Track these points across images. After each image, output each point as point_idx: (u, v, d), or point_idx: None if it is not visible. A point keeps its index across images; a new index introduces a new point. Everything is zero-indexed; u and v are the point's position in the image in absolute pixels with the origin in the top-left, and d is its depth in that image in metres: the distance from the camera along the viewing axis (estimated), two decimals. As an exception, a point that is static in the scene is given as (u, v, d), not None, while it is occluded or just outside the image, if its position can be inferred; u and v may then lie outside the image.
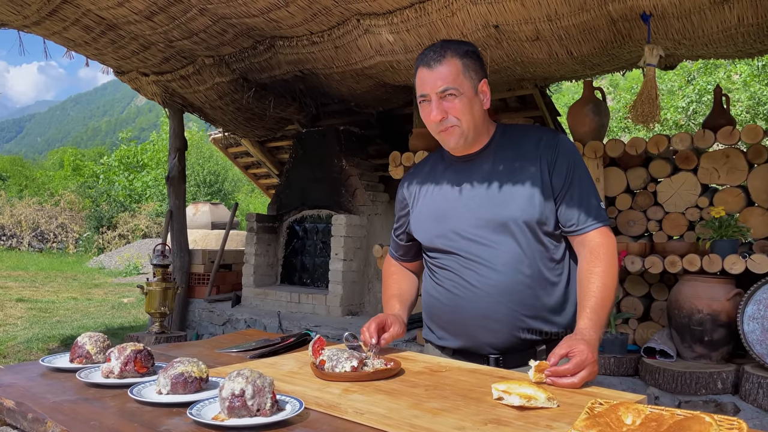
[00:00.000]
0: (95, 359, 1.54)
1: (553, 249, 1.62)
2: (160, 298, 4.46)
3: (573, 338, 1.41)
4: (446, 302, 1.68)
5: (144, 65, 5.14)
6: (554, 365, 1.34)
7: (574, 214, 1.59)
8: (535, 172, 1.60)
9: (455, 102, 1.58)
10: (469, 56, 1.61)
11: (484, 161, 1.67)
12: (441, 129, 1.61)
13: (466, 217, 1.64)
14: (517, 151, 1.64)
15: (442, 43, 1.63)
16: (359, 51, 4.14)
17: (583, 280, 1.56)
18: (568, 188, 1.60)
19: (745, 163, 3.42)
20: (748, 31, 3.17)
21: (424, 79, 1.61)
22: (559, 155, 1.61)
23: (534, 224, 1.58)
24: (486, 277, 1.60)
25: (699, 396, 2.95)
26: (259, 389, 1.15)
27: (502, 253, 1.59)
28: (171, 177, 5.95)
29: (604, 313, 1.51)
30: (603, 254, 1.56)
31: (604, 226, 1.60)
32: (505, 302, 1.58)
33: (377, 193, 5.51)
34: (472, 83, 1.60)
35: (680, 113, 13.41)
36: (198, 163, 24.27)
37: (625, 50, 3.60)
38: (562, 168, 1.60)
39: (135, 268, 13.94)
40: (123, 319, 7.55)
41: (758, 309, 2.90)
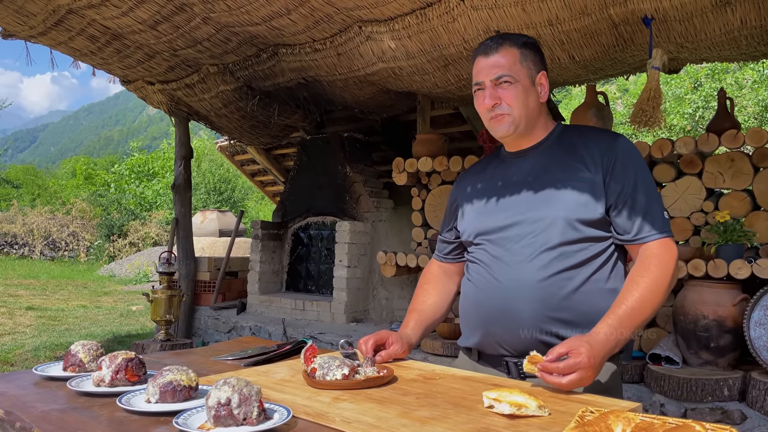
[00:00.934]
0: (88, 368, 1.53)
1: (595, 254, 1.54)
2: (166, 305, 4.47)
3: (579, 339, 1.34)
4: (471, 296, 1.67)
5: (149, 74, 5.17)
6: (550, 361, 1.30)
7: (631, 223, 1.50)
8: (588, 174, 1.53)
9: (509, 89, 1.56)
10: (527, 47, 1.60)
11: (536, 157, 1.63)
12: (491, 116, 1.59)
13: (507, 213, 1.60)
14: (572, 150, 1.59)
15: (501, 34, 1.64)
16: (361, 58, 4.14)
17: (624, 287, 1.47)
18: (627, 194, 1.50)
19: (750, 166, 3.39)
20: (752, 33, 3.14)
21: (480, 66, 1.60)
22: (618, 158, 1.53)
23: (576, 226, 1.51)
24: (509, 271, 1.56)
25: (705, 403, 2.91)
26: (246, 398, 1.15)
27: (534, 250, 1.53)
28: (177, 185, 5.98)
29: (630, 324, 1.41)
30: (654, 266, 1.46)
31: (665, 237, 1.49)
32: (528, 300, 1.51)
33: (381, 200, 5.50)
34: (529, 73, 1.58)
35: (687, 119, 13.32)
36: (209, 170, 24.40)
37: (628, 54, 3.57)
38: (621, 172, 1.52)
39: (145, 275, 14.02)
40: (131, 326, 7.58)
41: (765, 314, 2.86)
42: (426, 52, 3.84)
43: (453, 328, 3.87)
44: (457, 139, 5.81)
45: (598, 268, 1.55)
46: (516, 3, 3.18)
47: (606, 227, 1.55)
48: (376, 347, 1.62)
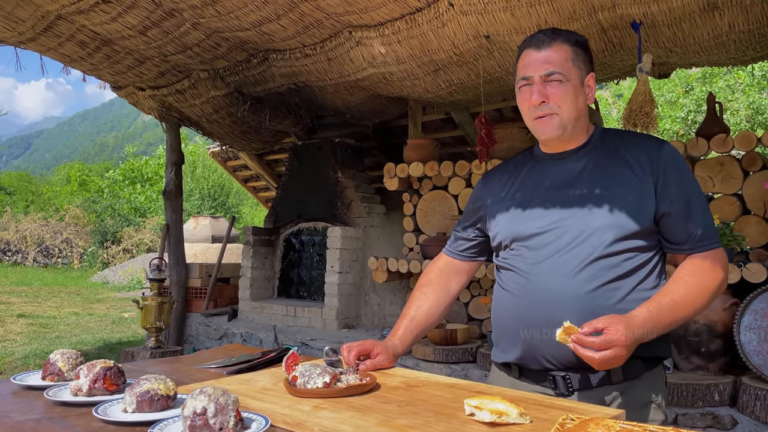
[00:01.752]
0: (67, 377, 1.51)
1: (642, 263, 1.48)
2: (156, 312, 4.44)
3: (616, 317, 1.31)
4: (509, 307, 1.56)
5: (140, 80, 5.16)
6: (585, 334, 1.27)
7: (687, 233, 1.45)
8: (636, 180, 1.47)
9: (559, 88, 1.48)
10: (579, 45, 1.53)
11: (578, 162, 1.55)
12: (538, 115, 1.51)
13: (545, 217, 1.52)
14: (616, 155, 1.52)
15: (553, 29, 1.55)
16: (352, 63, 4.14)
17: (669, 282, 1.43)
18: (681, 203, 1.46)
19: (739, 171, 3.39)
20: (740, 38, 3.15)
21: (530, 60, 1.51)
22: (669, 165, 1.47)
23: (624, 235, 1.45)
24: (553, 281, 1.47)
25: (696, 408, 2.90)
26: (222, 407, 1.13)
27: (579, 259, 1.45)
28: (168, 191, 5.95)
29: (669, 317, 1.37)
30: (706, 270, 1.43)
31: (716, 248, 1.46)
32: (575, 312, 1.42)
33: (373, 205, 5.48)
34: (580, 73, 1.50)
35: (680, 123, 13.37)
36: (203, 176, 24.34)
37: (618, 59, 3.58)
38: (672, 181, 1.46)
39: (138, 282, 13.96)
40: (122, 334, 7.54)
41: (755, 319, 2.85)
42: (416, 57, 3.84)
43: (444, 334, 3.85)
44: (449, 144, 5.81)
45: (645, 278, 1.49)
46: (505, 8, 3.18)
47: (653, 235, 1.49)
48: (360, 357, 1.58)
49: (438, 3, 3.35)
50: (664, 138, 13.38)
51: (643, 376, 1.49)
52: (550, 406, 1.28)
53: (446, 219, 4.48)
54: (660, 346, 1.46)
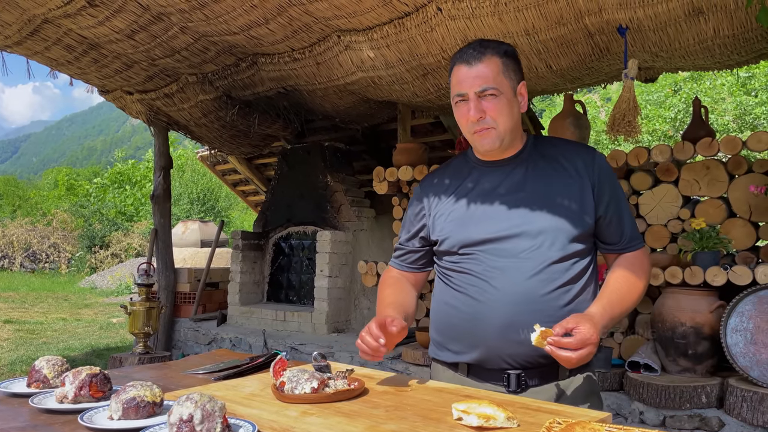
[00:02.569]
0: (53, 384, 1.50)
1: (586, 265, 1.59)
2: (144, 318, 4.40)
3: (581, 317, 1.40)
4: (466, 309, 1.58)
5: (128, 84, 5.13)
6: (559, 336, 1.34)
7: (620, 234, 1.61)
8: (574, 186, 1.56)
9: (494, 102, 1.52)
10: (508, 56, 1.56)
11: (517, 168, 1.61)
12: (476, 129, 1.55)
13: (496, 222, 1.56)
14: (554, 163, 1.60)
15: (481, 41, 1.58)
16: (341, 67, 4.14)
17: (610, 278, 1.58)
18: (611, 208, 1.59)
19: (725, 174, 3.42)
20: (725, 42, 3.18)
21: (463, 76, 1.54)
22: (601, 174, 1.59)
23: (573, 238, 1.54)
24: (513, 284, 1.52)
25: (683, 410, 2.92)
26: (209, 414, 1.12)
27: (532, 261, 1.52)
28: (156, 195, 5.92)
29: (617, 310, 1.50)
30: (638, 268, 1.60)
31: (643, 246, 1.66)
32: (531, 311, 1.50)
33: (363, 209, 5.49)
34: (512, 84, 1.55)
35: (668, 124, 13.48)
36: (192, 180, 24.23)
37: (604, 63, 3.60)
38: (605, 187, 1.58)
39: (127, 287, 13.87)
40: (110, 339, 7.48)
41: (741, 321, 2.88)
42: (405, 61, 3.84)
43: (434, 337, 3.85)
44: (438, 147, 5.83)
45: (588, 278, 1.59)
46: (493, 13, 3.20)
47: (591, 238, 1.61)
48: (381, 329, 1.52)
49: (426, 7, 3.36)
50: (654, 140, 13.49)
51: (584, 370, 1.60)
52: (537, 409, 1.28)
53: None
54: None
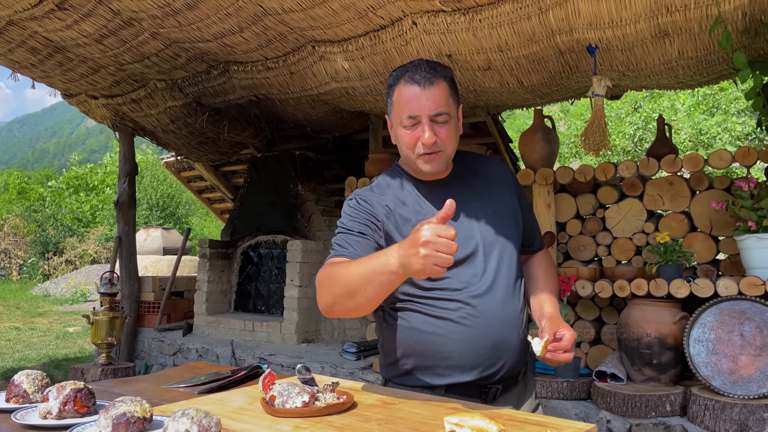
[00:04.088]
0: (33, 399, 1.47)
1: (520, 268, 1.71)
2: (107, 328, 4.30)
3: (553, 319, 1.55)
4: (454, 336, 1.53)
5: (93, 88, 5.03)
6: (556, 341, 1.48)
7: (533, 237, 1.79)
8: (508, 198, 1.69)
9: (445, 127, 1.51)
10: (451, 80, 1.56)
11: (456, 184, 1.62)
12: (425, 152, 1.52)
13: (464, 240, 1.54)
14: (485, 177, 1.68)
15: (427, 62, 1.54)
16: (314, 77, 4.15)
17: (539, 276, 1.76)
18: (527, 213, 1.76)
19: (687, 190, 3.55)
20: (688, 63, 3.31)
21: (414, 98, 1.49)
22: (516, 183, 1.76)
23: (516, 246, 1.66)
24: (496, 303, 1.54)
25: (649, 419, 3.01)
26: (205, 429, 1.12)
27: (508, 279, 1.59)
28: (120, 202, 5.80)
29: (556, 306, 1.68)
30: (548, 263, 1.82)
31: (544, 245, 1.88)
32: (516, 327, 1.59)
33: (333, 218, 5.49)
34: (456, 108, 1.57)
35: (627, 140, 13.91)
36: (152, 186, 23.75)
37: (573, 80, 3.71)
38: (522, 196, 1.75)
39: (82, 295, 13.47)
40: (68, 349, 7.25)
41: (703, 332, 2.99)
42: (379, 73, 3.87)
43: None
44: (408, 158, 5.87)
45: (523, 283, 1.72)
46: (467, 29, 3.25)
47: None
48: None
49: (402, 21, 3.39)
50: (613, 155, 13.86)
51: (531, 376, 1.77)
52: (524, 421, 1.31)
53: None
54: None
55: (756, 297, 2.90)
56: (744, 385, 2.85)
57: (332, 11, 3.36)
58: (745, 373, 2.86)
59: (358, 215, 1.61)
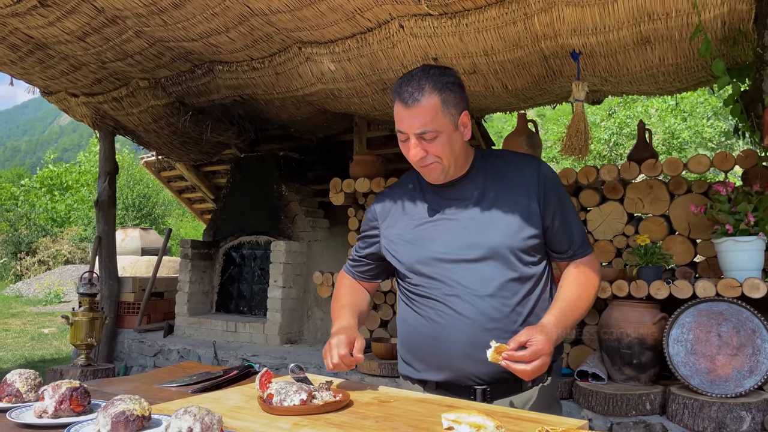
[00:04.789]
0: (26, 398, 1.46)
1: (539, 276, 1.63)
2: (87, 328, 4.24)
3: (534, 329, 1.44)
4: (428, 332, 1.62)
5: (74, 86, 4.96)
6: (512, 350, 1.38)
7: (568, 243, 1.65)
8: (522, 199, 1.59)
9: (435, 142, 1.53)
10: (447, 90, 1.53)
11: (467, 186, 1.64)
12: (421, 165, 1.58)
13: (450, 242, 1.59)
14: (501, 177, 1.63)
15: (421, 73, 1.54)
16: (300, 78, 4.15)
17: (562, 287, 1.63)
18: (558, 217, 1.62)
19: (667, 193, 3.64)
20: (668, 70, 3.39)
21: (401, 116, 1.54)
22: (547, 184, 1.62)
23: (519, 250, 1.57)
24: (472, 305, 1.56)
25: (629, 417, 3.07)
26: (208, 427, 1.13)
27: (488, 280, 1.56)
28: (100, 201, 5.73)
29: (571, 318, 1.55)
30: (588, 273, 1.65)
31: (591, 252, 1.70)
32: (493, 329, 1.54)
33: (317, 219, 5.49)
34: (452, 119, 1.54)
35: (603, 144, 14.14)
36: (128, 185, 23.44)
37: (556, 85, 3.77)
38: (551, 197, 1.62)
39: (56, 296, 13.24)
40: (44, 351, 7.13)
41: (682, 332, 3.06)
42: (365, 75, 3.89)
43: (390, 348, 3.90)
44: (393, 160, 5.89)
45: (543, 289, 1.64)
46: (454, 33, 3.29)
47: (543, 248, 1.65)
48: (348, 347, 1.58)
49: (389, 24, 3.42)
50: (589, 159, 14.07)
51: (547, 379, 1.65)
52: (519, 418, 1.35)
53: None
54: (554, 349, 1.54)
55: (733, 298, 2.98)
56: (721, 384, 2.93)
57: (320, 13, 3.37)
58: (723, 372, 2.94)
59: (365, 225, 1.84)
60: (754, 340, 2.90)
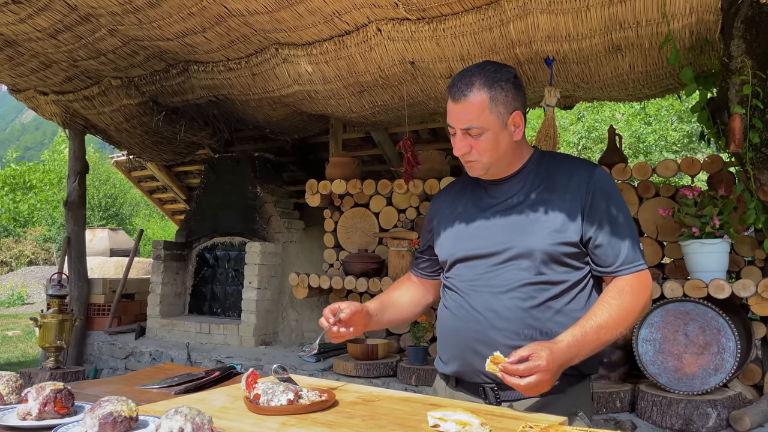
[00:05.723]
0: (7, 400, 1.45)
1: (573, 284, 1.56)
2: (56, 331, 4.18)
3: (541, 344, 1.37)
4: (449, 324, 1.66)
5: (44, 84, 4.87)
6: (511, 363, 1.33)
7: (608, 257, 1.53)
8: (566, 205, 1.54)
9: (479, 139, 1.54)
10: (498, 87, 1.53)
11: (514, 186, 1.63)
12: (464, 160, 1.60)
13: (484, 239, 1.60)
14: (550, 181, 1.59)
15: (475, 69, 1.56)
16: (277, 79, 4.15)
17: (595, 306, 1.51)
18: (606, 227, 1.52)
19: (636, 197, 3.74)
20: (638, 77, 3.50)
21: (450, 110, 1.57)
22: (596, 192, 1.54)
23: (551, 255, 1.52)
24: (486, 301, 1.56)
25: (600, 415, 3.15)
26: (199, 427, 1.14)
27: (510, 280, 1.54)
28: (70, 201, 5.62)
29: (594, 340, 1.44)
30: (628, 292, 1.51)
31: (641, 270, 1.53)
32: (503, 328, 1.53)
33: (292, 221, 5.48)
34: (500, 118, 1.53)
35: (572, 148, 14.39)
36: (94, 185, 22.96)
37: (530, 90, 3.84)
38: (598, 206, 1.53)
39: (19, 297, 12.92)
40: (9, 354, 6.96)
41: (650, 332, 3.15)
42: (342, 77, 3.91)
43: (365, 348, 3.92)
44: (367, 162, 5.93)
45: (574, 298, 1.57)
46: (431, 38, 3.34)
47: (583, 257, 1.57)
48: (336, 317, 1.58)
49: (367, 27, 3.45)
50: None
51: (567, 390, 1.54)
52: (501, 416, 1.38)
53: (367, 236, 4.57)
54: (585, 363, 1.49)
55: (699, 299, 3.08)
56: (688, 382, 3.03)
57: (298, 15, 3.38)
58: (689, 370, 3.04)
59: (425, 224, 1.88)
60: (719, 339, 3.00)
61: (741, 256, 3.48)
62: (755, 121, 2.70)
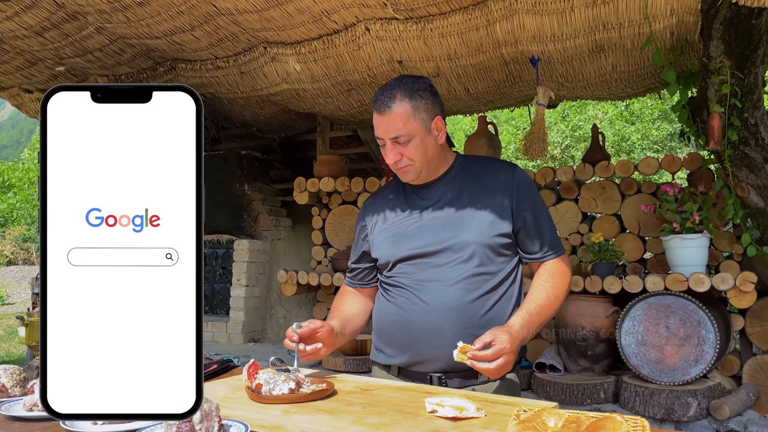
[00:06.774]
0: (11, 393, 1.47)
1: (507, 274, 1.73)
2: (44, 329, 4.16)
3: (499, 329, 1.51)
4: (395, 318, 1.74)
5: (28, 82, 4.84)
6: (477, 350, 1.45)
7: (539, 244, 1.73)
8: (496, 201, 1.70)
9: (408, 146, 1.67)
10: (418, 96, 1.67)
11: (442, 188, 1.77)
12: (397, 167, 1.71)
13: (424, 238, 1.71)
14: (477, 180, 1.75)
15: (394, 83, 1.70)
16: (265, 78, 4.17)
17: (531, 289, 1.70)
18: (531, 219, 1.72)
19: (618, 194, 3.83)
20: (621, 77, 3.58)
21: (377, 123, 1.70)
22: (520, 188, 1.73)
23: (492, 249, 1.69)
24: (437, 294, 1.67)
25: (585, 406, 3.23)
26: (207, 413, 1.17)
27: (455, 273, 1.67)
28: (55, 200, 5.59)
29: (538, 319, 1.63)
30: (558, 275, 1.72)
31: (563, 254, 1.77)
32: (453, 318, 1.66)
33: (280, 218, 5.50)
34: (424, 124, 1.67)
35: (556, 147, 14.56)
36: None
37: (516, 89, 3.92)
38: (523, 200, 1.72)
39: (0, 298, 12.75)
40: (-8, 354, 6.90)
41: (633, 325, 3.24)
42: (331, 76, 3.95)
43: (355, 344, 3.97)
44: (354, 160, 5.96)
45: (509, 287, 1.75)
46: (419, 37, 3.39)
47: (513, 248, 1.76)
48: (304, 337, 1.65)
49: (355, 27, 3.49)
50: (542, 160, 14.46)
51: (505, 375, 1.70)
52: (494, 401, 1.44)
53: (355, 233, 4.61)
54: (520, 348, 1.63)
55: (680, 292, 3.17)
56: (670, 373, 3.12)
57: (287, 14, 3.41)
58: (671, 361, 3.13)
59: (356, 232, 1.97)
60: (699, 331, 3.10)
61: (720, 251, 3.59)
62: (733, 120, 2.79)
